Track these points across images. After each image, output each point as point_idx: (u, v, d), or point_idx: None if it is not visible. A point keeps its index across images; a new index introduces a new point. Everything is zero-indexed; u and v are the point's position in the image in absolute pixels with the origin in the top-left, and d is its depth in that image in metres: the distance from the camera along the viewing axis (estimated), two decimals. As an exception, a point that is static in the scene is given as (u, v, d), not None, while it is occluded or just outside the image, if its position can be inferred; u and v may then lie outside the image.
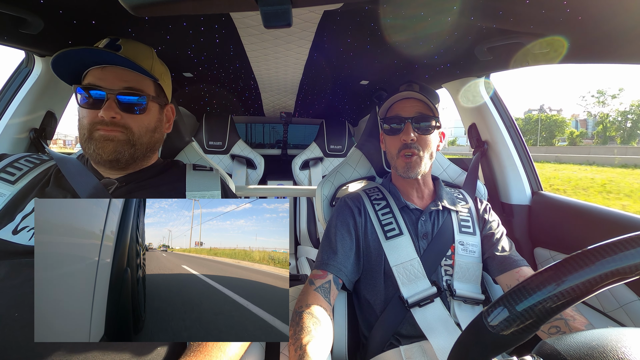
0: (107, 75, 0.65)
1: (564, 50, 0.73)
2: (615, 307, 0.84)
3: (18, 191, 0.65)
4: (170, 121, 0.80)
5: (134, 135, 0.67)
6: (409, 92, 0.84)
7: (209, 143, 2.15)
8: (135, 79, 0.68)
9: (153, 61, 0.72)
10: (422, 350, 0.72)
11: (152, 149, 0.74)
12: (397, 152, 0.85)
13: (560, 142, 28.20)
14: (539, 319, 0.29)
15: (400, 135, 0.83)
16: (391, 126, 0.86)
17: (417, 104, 0.84)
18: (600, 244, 0.29)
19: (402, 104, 0.85)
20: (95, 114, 0.64)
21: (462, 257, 0.81)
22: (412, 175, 0.83)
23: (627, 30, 0.59)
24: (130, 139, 0.67)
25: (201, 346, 0.55)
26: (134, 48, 0.70)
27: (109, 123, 0.64)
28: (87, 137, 0.65)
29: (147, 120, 0.70)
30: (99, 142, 0.64)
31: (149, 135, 0.71)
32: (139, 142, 0.68)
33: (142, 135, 0.69)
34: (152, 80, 0.71)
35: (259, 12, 0.40)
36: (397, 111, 0.85)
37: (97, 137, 0.65)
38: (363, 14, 0.80)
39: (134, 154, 0.68)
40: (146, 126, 0.70)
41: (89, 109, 0.65)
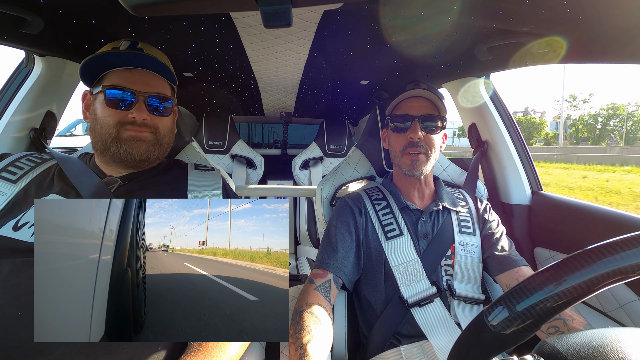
0: (136, 78, 0.68)
1: (564, 50, 0.73)
2: (615, 307, 0.85)
3: (19, 190, 0.65)
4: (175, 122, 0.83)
5: (160, 135, 0.71)
6: (418, 91, 0.84)
7: (209, 143, 2.15)
8: (160, 83, 0.71)
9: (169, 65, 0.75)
10: (422, 350, 0.72)
11: (169, 149, 0.78)
12: (401, 150, 0.85)
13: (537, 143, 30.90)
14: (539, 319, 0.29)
15: (407, 133, 0.83)
16: (398, 124, 0.86)
17: (425, 103, 0.84)
18: (601, 243, 0.29)
19: (410, 103, 0.85)
20: (123, 114, 0.67)
21: (462, 258, 0.81)
22: (417, 174, 0.83)
23: (627, 30, 0.59)
24: (157, 139, 0.71)
25: (201, 346, 0.55)
26: (155, 52, 0.73)
27: (140, 124, 0.67)
28: (115, 136, 0.67)
29: (169, 121, 0.75)
30: (131, 142, 0.67)
31: (170, 135, 0.76)
32: (163, 142, 0.73)
33: (165, 135, 0.73)
34: (169, 84, 0.75)
35: (259, 12, 0.40)
36: (405, 109, 0.85)
37: (127, 138, 0.67)
38: (363, 14, 0.80)
39: (159, 153, 0.72)
40: (169, 127, 0.75)
41: (116, 109, 0.67)
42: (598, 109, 33.10)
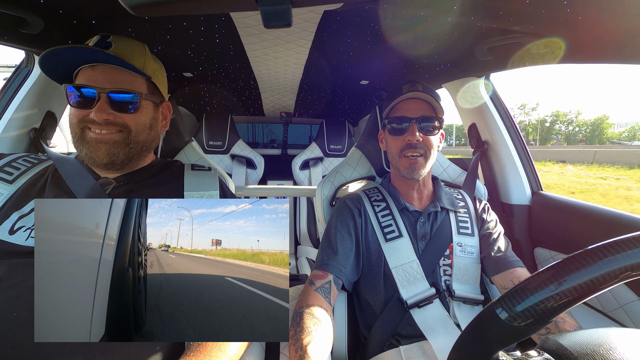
0: (98, 74, 0.64)
1: (564, 50, 0.73)
2: (615, 307, 0.84)
3: (16, 191, 0.64)
4: (166, 119, 0.78)
5: (130, 134, 0.66)
6: (415, 93, 0.83)
7: (209, 143, 2.15)
8: (127, 78, 0.66)
9: (145, 58, 0.70)
10: (421, 350, 0.72)
11: (148, 148, 0.73)
12: (399, 152, 0.84)
13: None
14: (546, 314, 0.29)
15: (404, 135, 0.83)
16: (395, 126, 0.85)
17: (422, 104, 0.84)
18: (601, 243, 0.29)
19: (407, 104, 0.85)
20: (85, 113, 0.63)
21: (461, 258, 0.81)
22: (416, 176, 0.83)
23: (627, 31, 0.59)
24: (126, 138, 0.66)
25: (201, 346, 0.55)
26: (126, 45, 0.68)
27: (102, 123, 0.63)
28: (79, 136, 0.64)
29: (142, 118, 0.68)
30: (92, 145, 0.63)
31: (146, 133, 0.70)
32: (134, 141, 0.67)
33: (138, 134, 0.68)
34: (144, 78, 0.70)
35: (259, 12, 0.40)
36: (402, 111, 0.84)
37: (89, 140, 0.63)
38: (363, 14, 0.80)
39: (128, 153, 0.67)
40: (143, 124, 0.68)
41: (80, 108, 0.63)
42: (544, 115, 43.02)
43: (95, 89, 0.63)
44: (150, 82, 0.71)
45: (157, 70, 0.74)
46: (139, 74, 0.68)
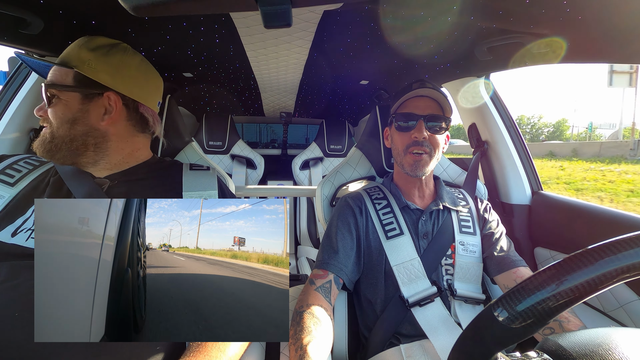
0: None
1: (564, 50, 0.73)
2: (615, 307, 0.84)
3: (17, 193, 0.64)
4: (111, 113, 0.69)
5: (52, 128, 0.66)
6: (425, 90, 0.83)
7: (209, 143, 2.15)
8: (57, 74, 0.67)
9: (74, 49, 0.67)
10: (422, 349, 0.72)
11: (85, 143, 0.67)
12: (405, 148, 0.84)
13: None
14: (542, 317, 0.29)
15: (411, 132, 0.83)
16: (403, 123, 0.85)
17: (431, 103, 0.84)
18: (601, 243, 0.29)
19: (416, 102, 0.85)
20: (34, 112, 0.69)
21: (463, 257, 0.81)
22: (420, 174, 0.83)
23: (627, 30, 0.59)
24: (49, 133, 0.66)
25: (201, 346, 0.55)
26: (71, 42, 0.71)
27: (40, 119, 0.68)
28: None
29: (60, 111, 0.65)
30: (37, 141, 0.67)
31: (67, 127, 0.65)
32: (57, 135, 0.65)
33: (59, 127, 0.65)
34: (69, 70, 0.66)
35: (259, 12, 0.40)
36: (411, 108, 0.84)
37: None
38: (363, 14, 0.80)
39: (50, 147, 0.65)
40: (60, 118, 0.65)
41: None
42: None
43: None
44: (79, 74, 0.66)
45: (90, 59, 0.67)
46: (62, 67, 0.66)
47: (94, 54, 0.68)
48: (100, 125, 0.68)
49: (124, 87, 0.70)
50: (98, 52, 0.68)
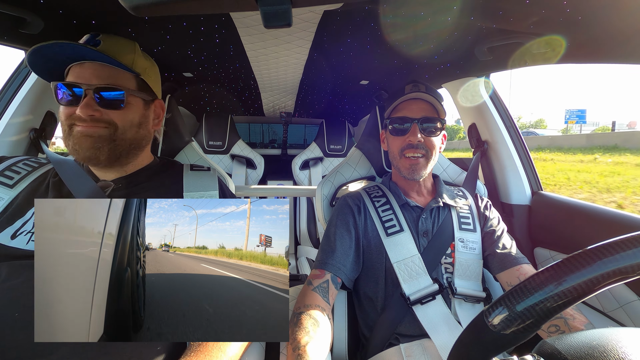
0: (85, 71, 0.64)
1: (564, 50, 0.73)
2: (615, 307, 0.84)
3: (16, 195, 0.64)
4: (159, 117, 0.77)
5: (117, 130, 0.65)
6: (418, 93, 0.83)
7: (209, 143, 2.15)
8: (115, 74, 0.66)
9: (135, 55, 0.70)
10: (422, 348, 0.72)
11: (138, 146, 0.71)
12: (399, 152, 0.84)
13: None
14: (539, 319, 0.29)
15: (406, 136, 0.83)
16: (397, 126, 0.85)
17: (424, 105, 0.84)
18: (601, 243, 0.29)
19: (409, 105, 0.85)
20: (72, 110, 0.63)
21: (463, 255, 0.81)
22: (417, 177, 0.83)
23: (627, 30, 0.59)
24: (112, 135, 0.65)
25: (201, 346, 0.55)
26: (114, 43, 0.68)
27: (88, 119, 0.62)
28: (67, 132, 0.64)
29: (130, 115, 0.67)
30: (77, 138, 0.63)
31: (133, 131, 0.68)
32: (121, 138, 0.66)
33: (126, 131, 0.67)
34: (133, 75, 0.69)
35: (259, 12, 0.40)
36: (404, 112, 0.84)
37: (75, 133, 0.63)
38: (363, 14, 0.80)
39: (114, 149, 0.66)
40: (130, 121, 0.67)
41: (67, 106, 0.64)
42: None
43: (82, 85, 0.62)
44: (139, 80, 0.71)
45: (147, 67, 0.73)
46: (127, 71, 0.67)
47: (148, 62, 0.74)
48: (152, 130, 0.75)
49: (160, 95, 0.78)
50: (148, 61, 0.74)
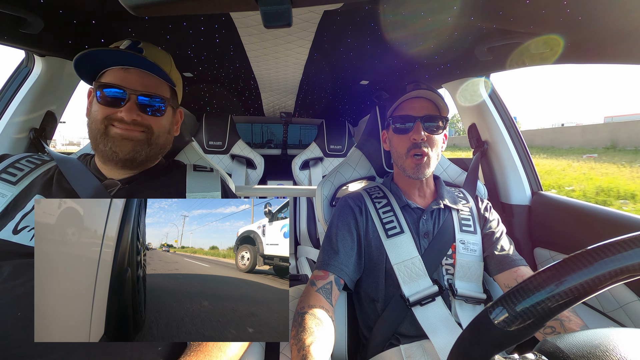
0: (130, 77, 0.67)
1: (563, 50, 0.73)
2: (615, 307, 0.84)
3: (19, 192, 0.64)
4: (178, 124, 0.82)
5: (153, 135, 0.70)
6: (419, 92, 0.83)
7: (209, 143, 2.15)
8: (156, 83, 0.70)
9: (171, 67, 0.75)
10: (422, 349, 0.72)
11: (164, 150, 0.76)
12: (406, 152, 0.84)
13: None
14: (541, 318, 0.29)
15: (410, 134, 0.83)
16: (400, 125, 0.85)
17: (427, 103, 0.84)
18: (601, 243, 0.29)
19: (412, 103, 0.85)
20: (112, 111, 0.66)
21: (463, 256, 0.81)
22: (421, 176, 0.83)
23: (627, 30, 0.59)
24: (148, 139, 0.69)
25: (201, 346, 0.55)
26: (156, 53, 0.72)
27: (130, 122, 0.66)
28: (103, 132, 0.66)
29: (165, 121, 0.73)
30: (117, 141, 0.66)
31: (165, 136, 0.74)
32: (155, 142, 0.71)
33: (160, 136, 0.72)
34: (168, 85, 0.74)
35: (259, 12, 0.40)
36: (407, 110, 0.84)
37: (114, 135, 0.66)
38: (363, 14, 0.80)
39: (149, 153, 0.70)
40: (164, 127, 0.73)
41: (107, 106, 0.66)
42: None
43: (127, 90, 0.66)
44: (172, 89, 0.76)
45: (178, 79, 0.78)
46: (164, 81, 0.71)
47: (178, 74, 0.78)
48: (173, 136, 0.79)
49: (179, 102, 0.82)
50: (178, 74, 0.79)
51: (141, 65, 0.68)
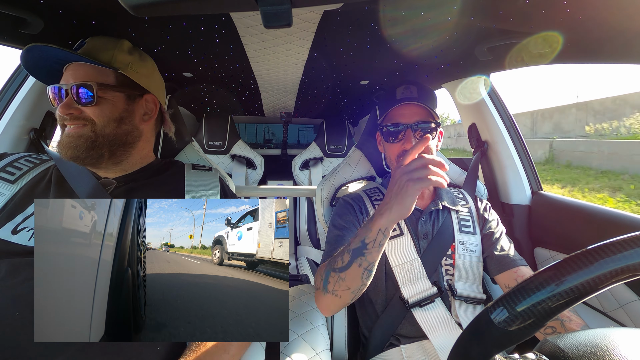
0: (68, 73, 0.67)
1: (563, 49, 0.73)
2: (615, 307, 0.84)
3: (18, 191, 0.65)
4: (151, 113, 0.75)
5: (96, 127, 0.65)
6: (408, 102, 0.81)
7: (209, 143, 2.15)
8: (90, 72, 0.66)
9: (115, 51, 0.70)
10: (422, 350, 0.72)
11: (123, 142, 0.70)
12: (396, 159, 0.83)
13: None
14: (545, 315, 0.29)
15: (400, 142, 0.81)
16: (391, 133, 0.83)
17: (416, 108, 0.82)
18: (601, 243, 0.29)
19: (401, 110, 0.83)
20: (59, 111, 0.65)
21: (463, 257, 0.81)
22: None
23: (627, 30, 0.59)
24: (91, 132, 0.65)
25: (201, 346, 0.55)
26: (96, 42, 0.70)
27: (67, 118, 0.64)
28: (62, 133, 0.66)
29: (106, 110, 0.67)
30: (63, 139, 0.65)
31: (112, 126, 0.67)
32: (101, 134, 0.66)
33: (105, 126, 0.66)
34: (112, 71, 0.69)
35: (259, 12, 0.40)
36: (397, 117, 0.82)
37: (62, 135, 0.66)
38: (363, 14, 0.80)
39: (94, 146, 0.65)
40: (107, 116, 0.67)
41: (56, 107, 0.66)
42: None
43: (62, 85, 0.65)
44: (119, 75, 0.70)
45: (132, 62, 0.72)
46: (106, 67, 0.68)
47: (132, 57, 0.73)
48: (141, 125, 0.73)
49: (155, 90, 0.76)
50: (135, 55, 0.73)
51: (74, 58, 0.67)
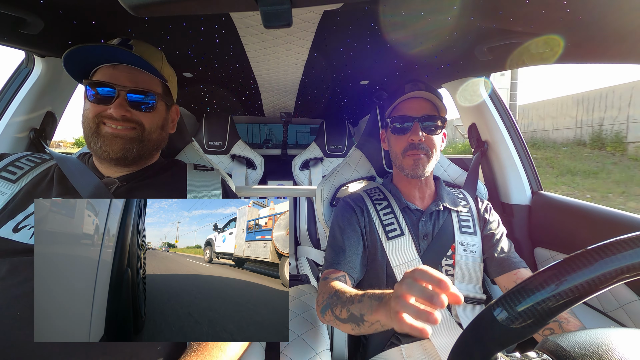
0: (119, 73, 0.67)
1: (563, 49, 0.73)
2: (615, 307, 0.84)
3: (19, 190, 0.65)
4: (174, 122, 0.82)
5: (144, 132, 0.69)
6: (418, 92, 0.83)
7: (209, 143, 2.15)
8: (146, 79, 0.69)
9: (163, 63, 0.74)
10: (422, 349, 0.72)
11: (158, 147, 0.76)
12: (402, 152, 0.84)
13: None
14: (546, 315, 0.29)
15: (407, 135, 0.82)
16: (398, 125, 0.84)
17: (425, 103, 0.83)
18: (601, 243, 0.29)
19: (410, 103, 0.84)
20: (102, 109, 0.65)
21: (463, 258, 0.81)
22: (420, 174, 0.82)
23: (627, 30, 0.59)
24: (140, 136, 0.68)
25: (201, 346, 0.55)
26: (146, 49, 0.72)
27: (119, 119, 0.65)
28: (94, 131, 0.66)
29: (157, 117, 0.72)
30: (107, 139, 0.65)
31: (158, 132, 0.73)
32: (148, 139, 0.70)
33: (152, 132, 0.71)
34: (160, 81, 0.73)
35: (259, 12, 0.40)
36: (405, 110, 0.84)
37: (105, 134, 0.66)
38: (363, 14, 0.80)
39: (141, 150, 0.69)
40: (156, 123, 0.72)
41: (97, 104, 0.66)
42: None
43: (115, 86, 0.66)
44: (164, 86, 0.75)
45: (171, 75, 0.77)
46: (156, 77, 0.71)
47: (171, 70, 0.78)
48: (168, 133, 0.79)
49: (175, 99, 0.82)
50: (171, 69, 0.79)
51: (130, 61, 0.67)
